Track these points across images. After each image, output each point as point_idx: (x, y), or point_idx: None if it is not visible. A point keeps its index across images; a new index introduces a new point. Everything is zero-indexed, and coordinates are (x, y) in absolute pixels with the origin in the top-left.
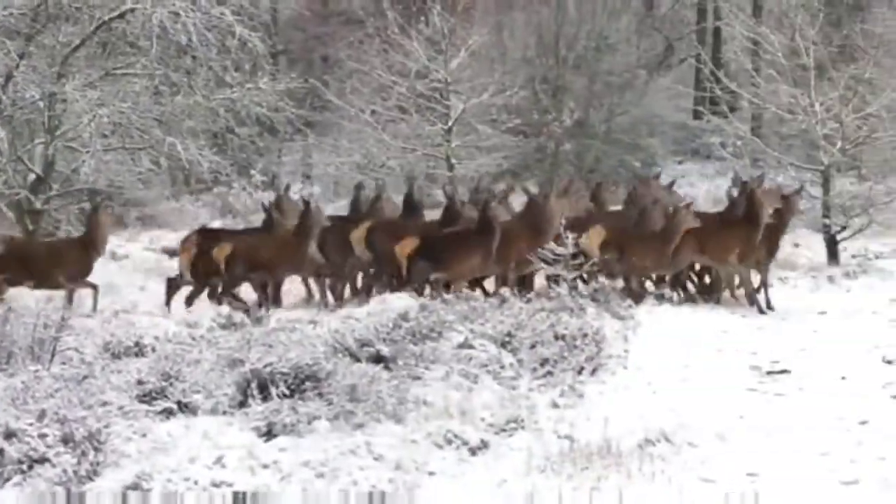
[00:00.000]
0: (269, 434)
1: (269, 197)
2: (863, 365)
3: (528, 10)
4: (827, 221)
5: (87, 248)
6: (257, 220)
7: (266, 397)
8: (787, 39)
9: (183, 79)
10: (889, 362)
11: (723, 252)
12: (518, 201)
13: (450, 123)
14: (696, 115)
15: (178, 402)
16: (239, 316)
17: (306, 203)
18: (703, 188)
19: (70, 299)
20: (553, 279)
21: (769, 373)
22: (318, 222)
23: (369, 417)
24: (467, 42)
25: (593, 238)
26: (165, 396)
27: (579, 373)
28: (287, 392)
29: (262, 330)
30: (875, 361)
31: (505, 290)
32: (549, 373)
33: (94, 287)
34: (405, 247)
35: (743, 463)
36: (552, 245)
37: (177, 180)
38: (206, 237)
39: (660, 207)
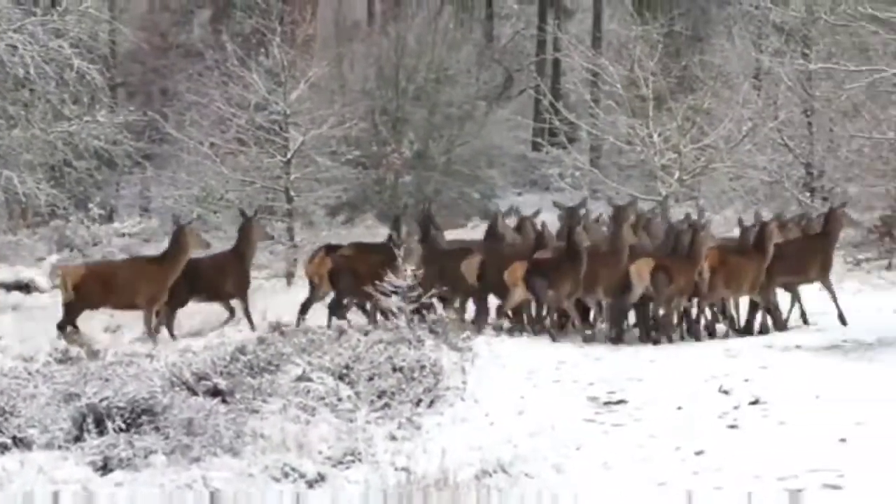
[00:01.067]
0: (104, 468)
1: (106, 231)
2: (699, 395)
3: (368, 42)
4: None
5: None
6: (96, 252)
7: (102, 431)
8: (625, 70)
9: (20, 112)
10: (725, 392)
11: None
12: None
13: (289, 155)
14: (536, 147)
15: (13, 437)
16: (75, 350)
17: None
18: (543, 219)
19: None
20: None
21: (606, 403)
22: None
23: (206, 451)
24: (307, 74)
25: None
26: (0, 431)
27: (417, 405)
28: (123, 426)
29: (99, 364)
30: (711, 391)
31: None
32: (387, 405)
33: None
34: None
35: (580, 495)
36: (391, 277)
37: (13, 214)
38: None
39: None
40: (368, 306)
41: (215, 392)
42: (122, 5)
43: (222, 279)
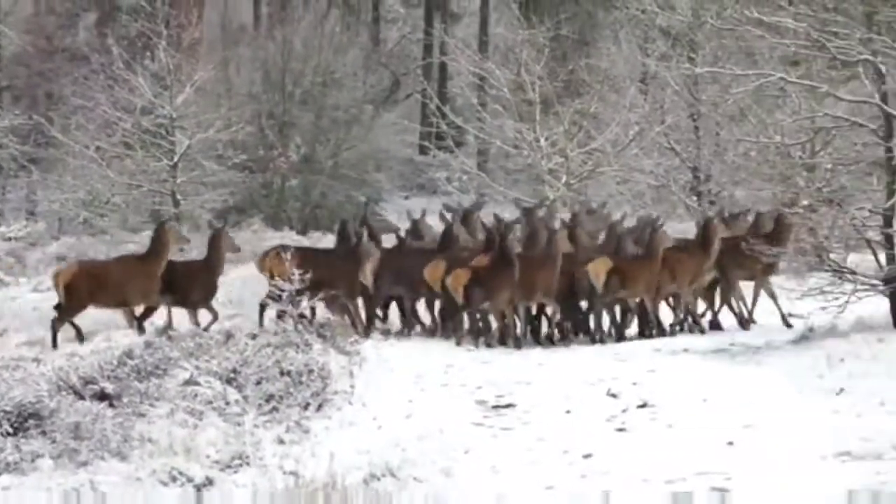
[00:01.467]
0: None
1: None
2: (587, 398)
3: (254, 45)
4: None
5: None
6: None
7: None
8: (512, 75)
9: None
10: (613, 396)
11: None
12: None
13: (175, 159)
14: (423, 150)
15: None
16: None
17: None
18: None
19: None
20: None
21: (494, 407)
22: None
23: (93, 455)
24: (193, 78)
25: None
26: None
27: (305, 409)
28: (10, 430)
29: None
30: (599, 395)
31: None
32: (275, 409)
33: None
34: None
35: (468, 498)
36: (279, 281)
37: None
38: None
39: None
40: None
41: (102, 396)
42: (7, 8)
43: (191, 286)
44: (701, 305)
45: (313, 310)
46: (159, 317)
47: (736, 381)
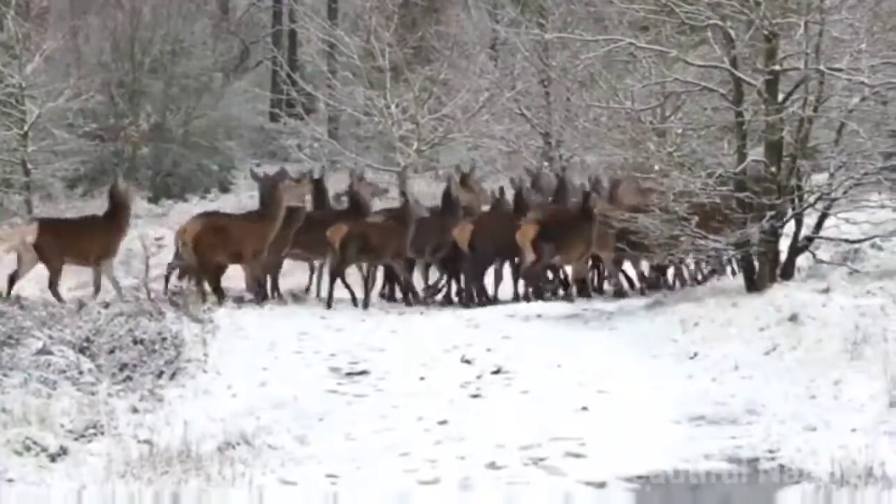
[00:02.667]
0: None
1: None
2: (442, 365)
3: (103, 14)
4: None
5: None
6: None
7: None
8: (362, 42)
9: None
10: (468, 362)
11: None
12: None
13: (25, 128)
14: (273, 118)
15: None
16: None
17: None
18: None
19: None
20: None
21: (348, 374)
22: None
23: None
24: (42, 47)
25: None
26: None
27: (159, 377)
28: None
29: None
30: (454, 361)
31: None
32: (129, 378)
33: None
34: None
35: (323, 465)
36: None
37: None
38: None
39: None
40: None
41: None
42: None
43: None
44: None
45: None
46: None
47: (590, 346)
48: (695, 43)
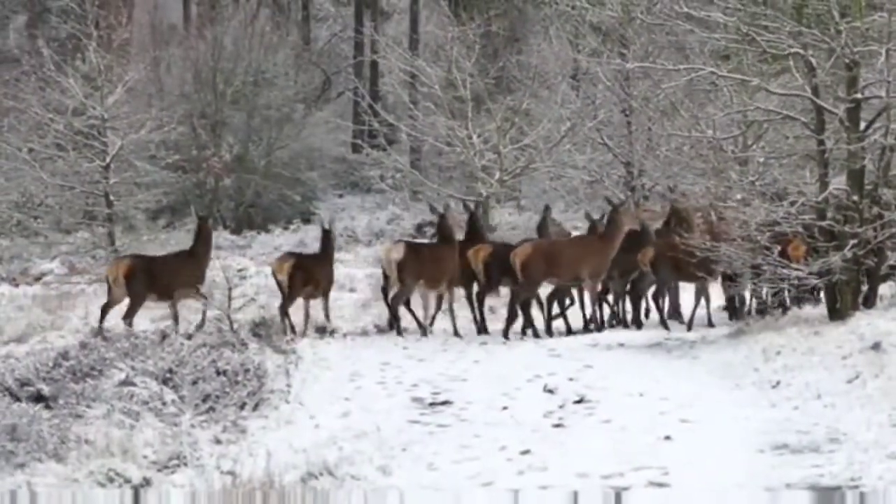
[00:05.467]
0: None
1: None
2: (524, 394)
3: (185, 45)
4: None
5: None
6: None
7: None
8: (443, 72)
9: None
10: (550, 391)
11: None
12: None
13: (108, 160)
14: (356, 149)
15: None
16: None
17: None
18: (364, 221)
19: None
20: None
21: (431, 404)
22: None
23: (30, 457)
24: (123, 78)
25: None
26: None
27: (241, 408)
28: None
29: None
30: (536, 391)
31: None
32: (212, 409)
33: None
34: None
35: (406, 495)
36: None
37: None
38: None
39: None
40: None
41: (38, 398)
42: None
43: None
44: None
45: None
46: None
47: (672, 375)
48: (776, 71)
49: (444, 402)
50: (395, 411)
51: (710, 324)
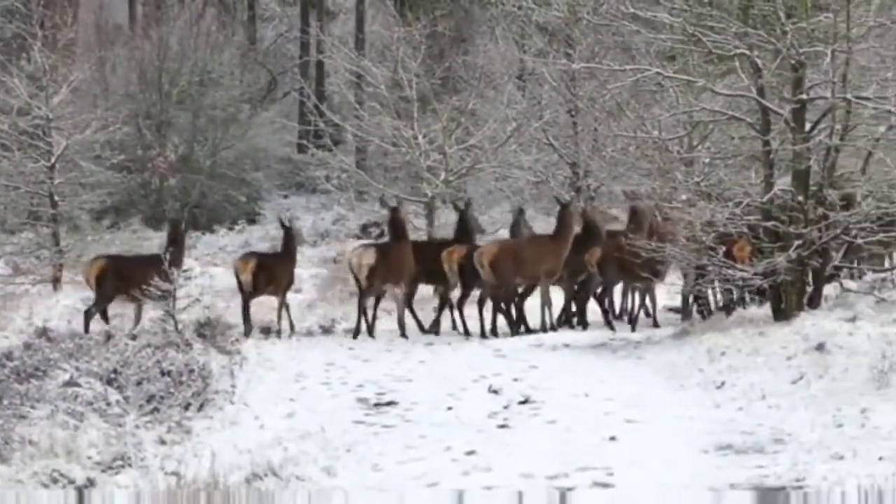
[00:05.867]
0: None
1: None
2: (469, 395)
3: (130, 45)
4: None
5: None
6: None
7: None
8: (389, 72)
9: None
10: (495, 392)
11: None
12: None
13: (52, 160)
14: (301, 149)
15: None
16: None
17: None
18: (309, 221)
19: None
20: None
21: (376, 405)
22: None
23: None
24: (69, 78)
25: None
26: None
27: (186, 409)
28: None
29: None
30: (481, 391)
31: None
32: (156, 409)
33: None
34: None
35: (350, 496)
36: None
37: None
38: None
39: None
40: None
41: None
42: None
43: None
44: None
45: None
46: None
47: (617, 375)
48: (722, 72)
49: (390, 403)
50: (340, 412)
51: (656, 324)
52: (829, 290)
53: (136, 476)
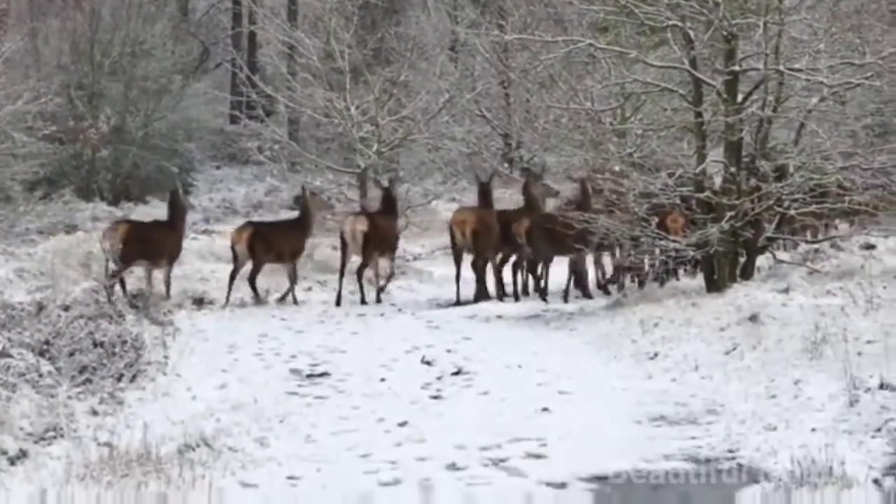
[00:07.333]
0: None
1: None
2: (403, 366)
3: (63, 16)
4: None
5: None
6: None
7: None
8: (322, 43)
9: None
10: (428, 363)
11: None
12: None
13: None
14: (234, 120)
15: None
16: None
17: None
18: (242, 192)
19: None
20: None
21: (309, 376)
22: None
23: None
24: (0, 49)
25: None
26: None
27: (119, 380)
28: None
29: None
30: (414, 362)
31: None
32: (89, 380)
33: None
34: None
35: (283, 467)
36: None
37: None
38: None
39: None
40: None
41: None
42: None
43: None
44: None
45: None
46: None
47: (550, 347)
48: (654, 44)
49: (323, 374)
50: (273, 383)
51: (588, 295)
52: (762, 261)
53: (68, 447)
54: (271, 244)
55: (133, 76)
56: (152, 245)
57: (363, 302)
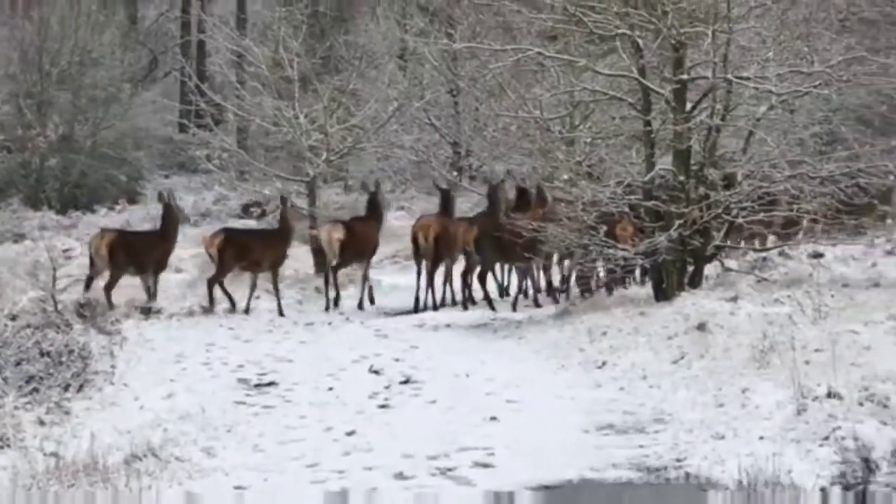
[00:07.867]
0: None
1: None
2: (350, 375)
3: (11, 24)
4: (315, 233)
5: None
6: None
7: None
8: (270, 52)
9: None
10: (376, 372)
11: None
12: None
13: None
14: (182, 129)
15: None
16: None
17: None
18: (191, 201)
19: None
20: None
21: (257, 385)
22: None
23: None
24: None
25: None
26: None
27: (66, 389)
28: None
29: None
30: (362, 371)
31: None
32: (35, 390)
33: None
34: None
35: (231, 477)
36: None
37: None
38: None
39: None
40: None
41: None
42: None
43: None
44: None
45: None
46: None
47: (498, 355)
48: (603, 52)
49: (270, 384)
50: (221, 392)
51: (537, 304)
52: (710, 269)
53: (14, 457)
54: (245, 252)
55: (82, 85)
56: (139, 256)
57: (330, 308)
